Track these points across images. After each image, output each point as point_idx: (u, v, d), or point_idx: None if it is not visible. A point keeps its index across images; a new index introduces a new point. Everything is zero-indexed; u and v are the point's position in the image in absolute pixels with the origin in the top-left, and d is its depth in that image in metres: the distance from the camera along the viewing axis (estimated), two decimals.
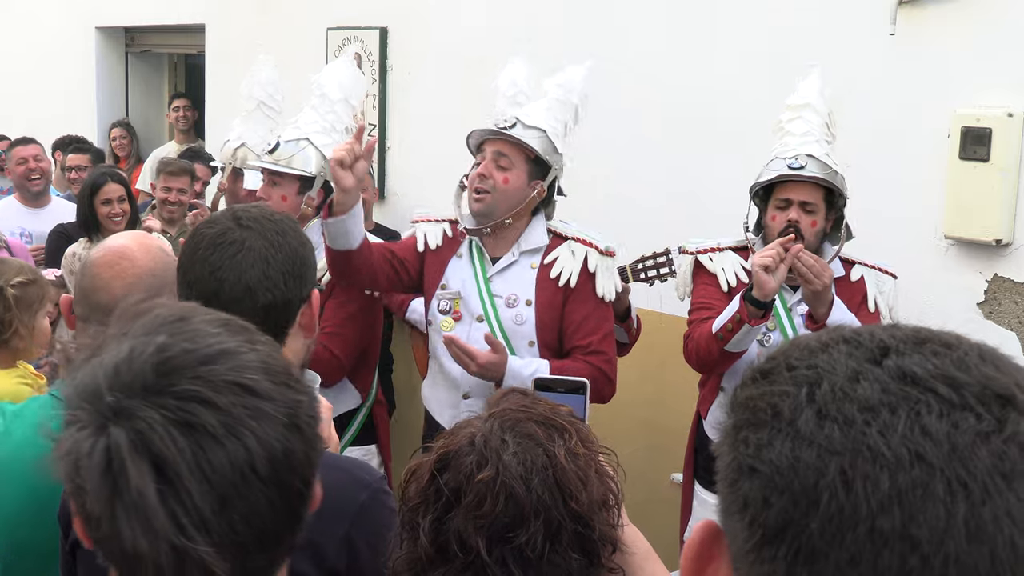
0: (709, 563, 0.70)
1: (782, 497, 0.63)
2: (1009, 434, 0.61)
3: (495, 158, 3.10)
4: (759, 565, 0.64)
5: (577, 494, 1.33)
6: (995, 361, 0.66)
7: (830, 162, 3.07)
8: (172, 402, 0.92)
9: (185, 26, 6.83)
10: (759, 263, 2.91)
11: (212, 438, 0.91)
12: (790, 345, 0.70)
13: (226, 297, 1.63)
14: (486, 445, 1.35)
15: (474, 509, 1.32)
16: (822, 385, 0.65)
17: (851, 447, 0.61)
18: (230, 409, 0.93)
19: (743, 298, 2.96)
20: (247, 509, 0.93)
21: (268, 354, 1.01)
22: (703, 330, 3.10)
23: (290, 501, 0.96)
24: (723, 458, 0.69)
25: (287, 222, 1.76)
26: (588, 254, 3.10)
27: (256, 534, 0.94)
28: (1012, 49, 3.27)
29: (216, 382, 0.94)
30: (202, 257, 1.67)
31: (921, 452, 0.60)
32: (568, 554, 1.32)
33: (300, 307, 1.70)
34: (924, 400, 0.62)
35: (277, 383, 0.98)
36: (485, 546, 1.30)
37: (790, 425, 0.64)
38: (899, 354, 0.65)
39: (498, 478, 1.32)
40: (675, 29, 4.15)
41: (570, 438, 1.37)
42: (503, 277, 3.15)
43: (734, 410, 0.69)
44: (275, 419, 0.95)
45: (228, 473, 0.91)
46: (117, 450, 0.90)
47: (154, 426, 0.90)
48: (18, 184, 5.55)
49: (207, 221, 1.77)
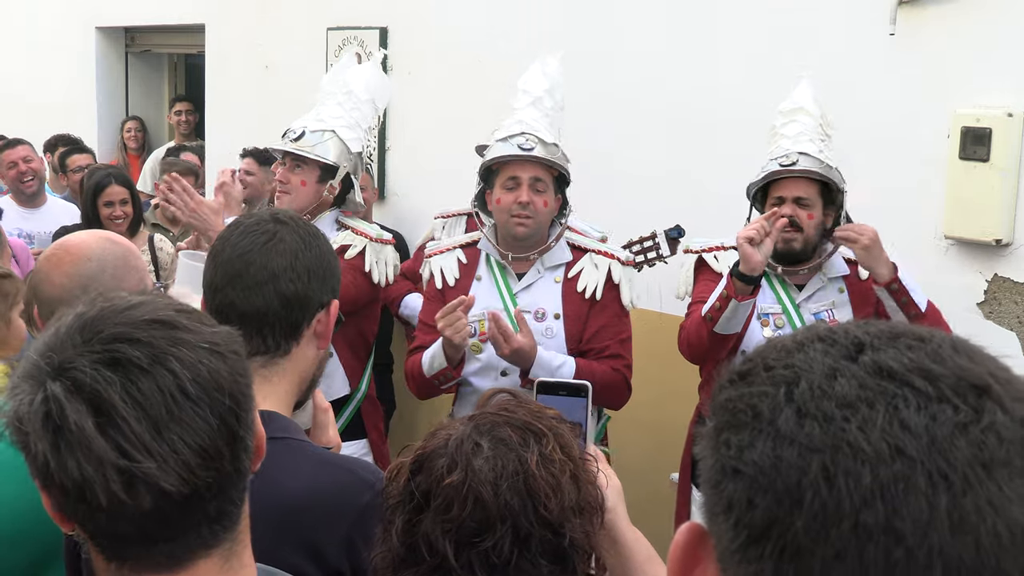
0: (696, 565, 0.70)
1: (766, 497, 0.63)
2: (987, 424, 0.61)
3: (534, 183, 3.08)
4: (746, 565, 0.64)
5: (547, 501, 1.32)
6: (968, 352, 0.66)
7: (823, 158, 3.08)
8: (99, 346, 1.01)
9: (185, 26, 6.83)
10: (743, 235, 2.93)
11: (139, 369, 1.00)
12: (766, 346, 0.71)
13: (250, 279, 1.66)
14: (458, 449, 1.35)
15: (442, 512, 1.32)
16: (800, 384, 0.65)
17: (831, 444, 0.62)
18: (152, 341, 1.02)
19: (731, 274, 2.98)
20: (182, 428, 1.00)
21: (177, 303, 1.10)
22: (694, 316, 3.12)
23: (223, 418, 1.03)
24: (705, 461, 0.69)
25: (320, 231, 1.81)
26: (612, 266, 3.14)
27: (196, 451, 1.01)
28: (1012, 49, 3.28)
29: (136, 321, 1.03)
30: (234, 241, 1.72)
31: (901, 446, 0.61)
32: (538, 560, 1.32)
33: (318, 311, 1.72)
34: (901, 394, 0.62)
35: (193, 319, 1.07)
36: (452, 550, 1.31)
37: (770, 425, 0.64)
38: (874, 349, 0.66)
39: (466, 482, 1.32)
40: (675, 29, 4.15)
41: (547, 443, 1.36)
42: (529, 293, 3.16)
43: (714, 413, 0.70)
44: (195, 346, 1.04)
45: (158, 397, 1.00)
46: (55, 398, 0.99)
47: (84, 369, 0.99)
48: (12, 187, 5.55)
49: (246, 213, 1.81)
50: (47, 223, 5.27)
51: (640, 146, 4.24)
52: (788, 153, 3.08)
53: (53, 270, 1.89)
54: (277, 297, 1.66)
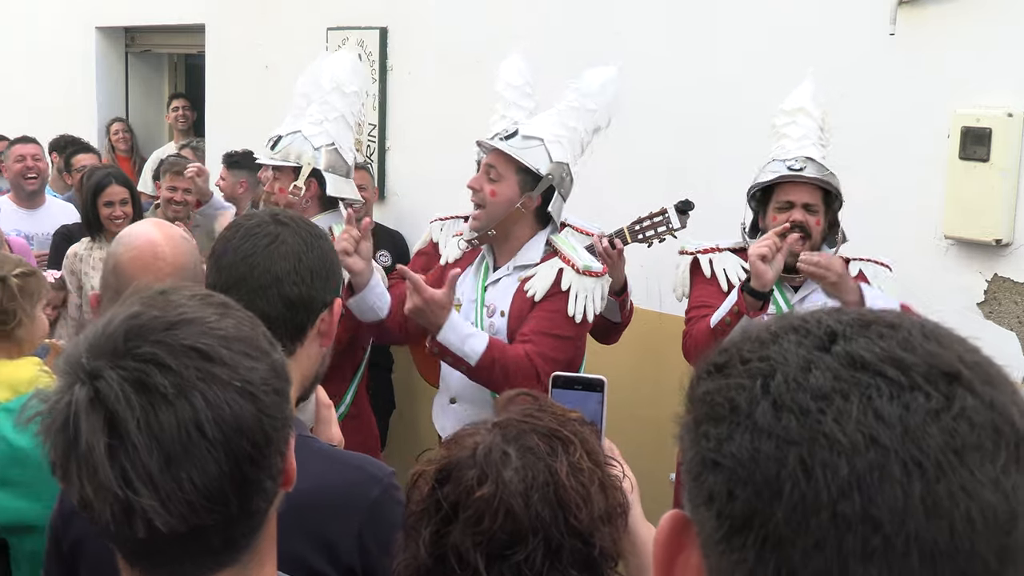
0: (679, 552, 0.71)
1: (746, 489, 0.64)
2: (957, 411, 0.63)
3: (486, 170, 3.12)
4: (729, 554, 0.66)
5: (578, 511, 1.31)
6: (938, 338, 0.67)
7: (827, 164, 3.10)
8: (131, 363, 0.99)
9: (185, 26, 6.83)
10: (756, 253, 2.92)
11: (163, 398, 0.97)
12: (741, 337, 0.72)
13: (254, 283, 1.66)
14: (487, 459, 1.33)
15: (473, 525, 1.30)
16: (775, 376, 0.66)
17: (808, 436, 0.63)
18: (182, 371, 0.99)
19: (741, 289, 2.96)
20: (193, 467, 0.98)
21: (238, 324, 1.06)
22: (701, 326, 3.10)
23: (239, 464, 1.00)
24: (686, 452, 0.70)
25: (322, 231, 1.80)
26: (563, 271, 3.06)
27: (203, 493, 0.98)
28: (1012, 49, 3.27)
29: (174, 346, 1.00)
30: (236, 244, 1.71)
31: (875, 436, 0.62)
32: (568, 571, 1.30)
33: (322, 311, 1.72)
34: (875, 384, 0.64)
35: (235, 351, 1.03)
36: (484, 562, 1.29)
37: (748, 418, 0.66)
38: (846, 339, 0.67)
39: (497, 494, 1.30)
40: (675, 29, 4.15)
41: (574, 451, 1.35)
42: (495, 288, 3.17)
43: (693, 405, 0.71)
44: (227, 384, 1.00)
45: (175, 432, 0.97)
46: (76, 406, 0.97)
47: (112, 384, 0.97)
48: (13, 182, 5.54)
49: (246, 214, 1.80)
50: (46, 224, 5.27)
51: (639, 146, 4.24)
52: (797, 157, 3.07)
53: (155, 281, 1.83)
54: (281, 301, 1.66)
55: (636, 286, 3.64)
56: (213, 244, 1.79)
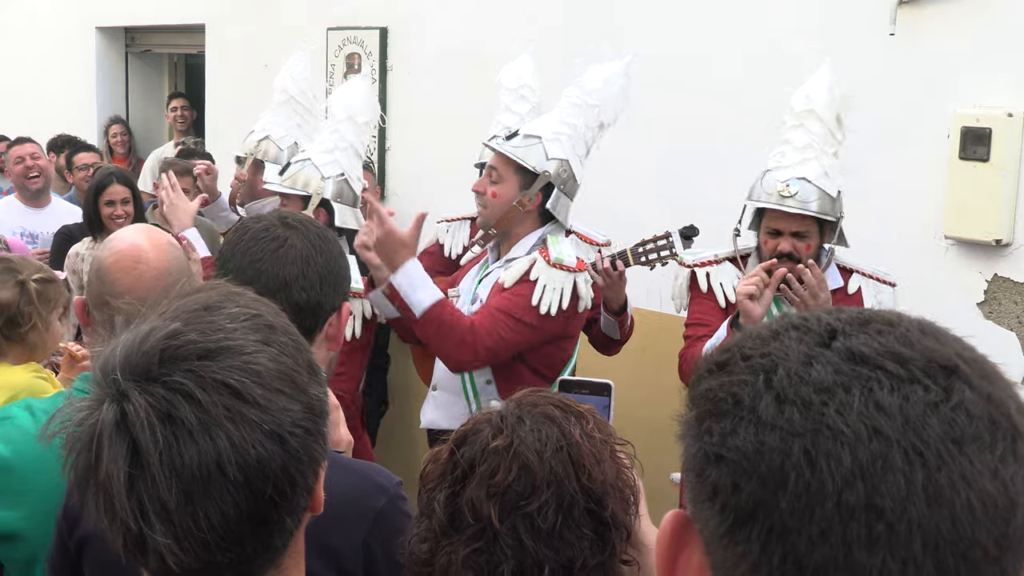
0: (682, 550, 0.73)
1: (751, 481, 0.65)
2: (956, 402, 0.64)
3: (488, 172, 3.15)
4: (733, 547, 0.67)
5: (591, 470, 1.33)
6: (935, 334, 0.69)
7: (825, 182, 3.00)
8: (161, 391, 0.95)
9: (185, 26, 6.83)
10: (743, 292, 2.90)
11: (188, 433, 0.94)
12: (742, 336, 0.73)
13: (262, 288, 1.64)
14: (503, 420, 1.37)
15: (487, 477, 1.32)
16: (778, 371, 0.67)
17: (812, 428, 0.64)
18: (210, 408, 0.95)
19: (730, 325, 2.95)
20: (211, 507, 0.95)
21: (278, 355, 1.02)
22: (694, 353, 3.08)
23: (259, 507, 0.97)
24: (688, 449, 0.72)
25: (330, 233, 1.80)
26: (536, 262, 3.06)
27: (220, 533, 0.95)
28: (1012, 49, 3.27)
29: (206, 378, 0.96)
30: (244, 248, 1.71)
31: (877, 426, 0.63)
32: (580, 530, 1.32)
33: (329, 315, 1.72)
34: (875, 377, 0.65)
35: (270, 389, 0.98)
36: (497, 514, 1.31)
37: (751, 412, 0.67)
38: (846, 336, 0.68)
39: (512, 447, 1.33)
40: (675, 29, 4.15)
41: (587, 423, 1.39)
42: (486, 281, 3.20)
43: (694, 403, 0.72)
44: (256, 425, 0.96)
45: (195, 469, 0.94)
46: (102, 426, 0.95)
47: (139, 411, 0.94)
48: (17, 183, 5.55)
49: (253, 217, 1.79)
50: (51, 223, 5.26)
51: (639, 146, 4.24)
52: (790, 180, 2.99)
53: (136, 285, 1.78)
54: (289, 306, 1.64)
55: (636, 286, 3.63)
56: (220, 247, 1.78)
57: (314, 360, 1.08)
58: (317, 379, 1.06)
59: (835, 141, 3.10)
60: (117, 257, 1.83)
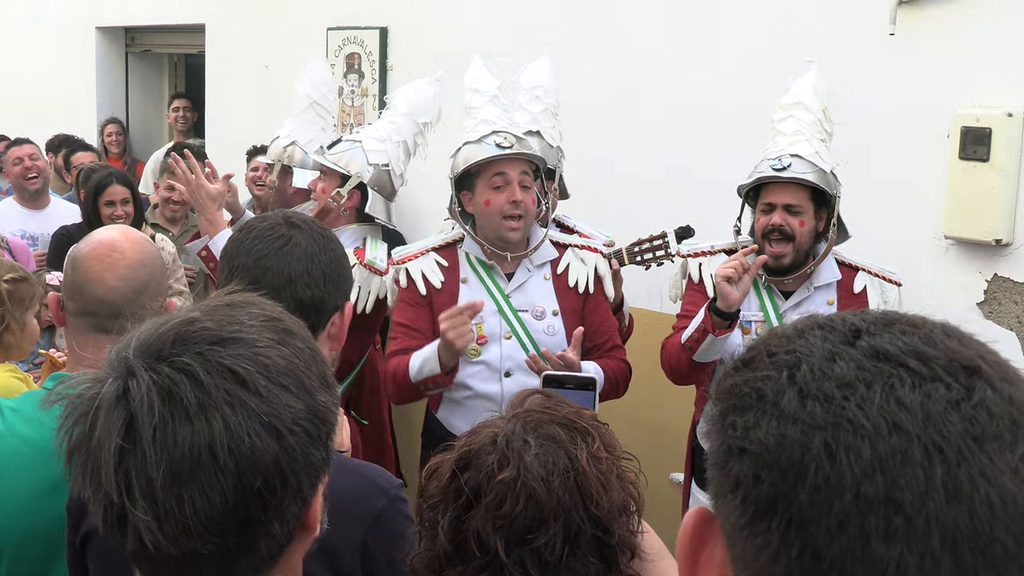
0: (704, 545, 0.73)
1: (771, 472, 0.66)
2: (977, 401, 0.65)
3: (520, 179, 3.05)
4: (753, 539, 0.67)
5: (598, 498, 1.31)
6: (959, 336, 0.70)
7: (818, 160, 3.02)
8: (166, 369, 0.96)
9: (185, 26, 6.83)
10: (721, 274, 2.90)
11: (185, 412, 0.94)
12: (768, 334, 0.75)
13: (267, 286, 1.66)
14: (508, 445, 1.33)
15: (494, 509, 1.30)
16: (801, 367, 0.68)
17: (832, 421, 0.65)
18: (211, 390, 0.95)
19: (708, 309, 2.95)
20: (197, 491, 0.94)
21: (290, 355, 1.02)
22: (674, 340, 3.10)
23: (245, 500, 0.95)
24: (712, 444, 0.72)
25: (333, 234, 1.82)
26: (597, 261, 3.17)
27: (202, 520, 0.94)
28: (1012, 49, 3.27)
29: (212, 362, 0.97)
30: (249, 246, 1.72)
31: (898, 421, 0.64)
32: (587, 559, 1.30)
33: (332, 314, 1.73)
34: (897, 374, 0.66)
35: (275, 383, 0.98)
36: (503, 547, 1.29)
37: (774, 406, 0.68)
38: (870, 335, 0.69)
39: (519, 478, 1.30)
40: (675, 29, 4.15)
41: (593, 442, 1.36)
42: (522, 292, 3.12)
43: (719, 398, 0.73)
44: (255, 415, 0.96)
45: (187, 450, 0.93)
46: (102, 400, 0.95)
47: (141, 387, 0.95)
48: (16, 185, 5.54)
49: (258, 216, 1.81)
50: (50, 224, 5.25)
51: (639, 145, 4.24)
52: (781, 155, 3.01)
53: (107, 272, 1.83)
54: (293, 303, 1.66)
55: (636, 286, 3.64)
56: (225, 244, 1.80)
57: (330, 374, 1.07)
58: (329, 390, 1.05)
59: (823, 131, 3.12)
60: (92, 247, 1.89)
